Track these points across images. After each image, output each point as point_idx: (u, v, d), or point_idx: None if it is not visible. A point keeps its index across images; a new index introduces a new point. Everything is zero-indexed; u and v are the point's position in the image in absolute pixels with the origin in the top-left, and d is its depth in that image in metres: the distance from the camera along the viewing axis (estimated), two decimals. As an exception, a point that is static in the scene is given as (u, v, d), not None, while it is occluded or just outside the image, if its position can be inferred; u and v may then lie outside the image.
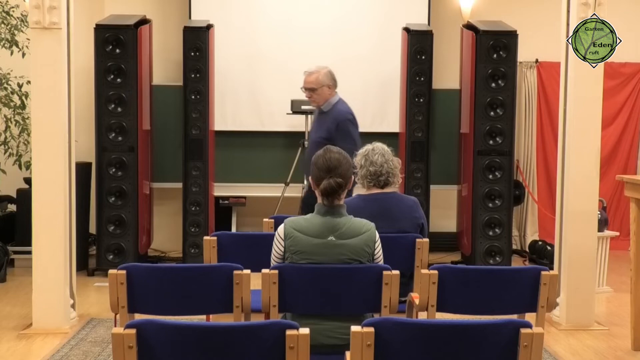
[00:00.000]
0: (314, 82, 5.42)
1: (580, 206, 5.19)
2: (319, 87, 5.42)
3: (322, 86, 5.43)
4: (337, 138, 5.17)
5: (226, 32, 7.45)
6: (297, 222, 3.11)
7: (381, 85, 7.64)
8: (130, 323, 2.20)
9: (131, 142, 6.57)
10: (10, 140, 6.60)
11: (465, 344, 2.27)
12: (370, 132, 7.28)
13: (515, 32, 6.84)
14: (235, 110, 7.62)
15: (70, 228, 5.02)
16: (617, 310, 5.68)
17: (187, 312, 3.22)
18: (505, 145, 6.85)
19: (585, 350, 4.73)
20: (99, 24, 6.64)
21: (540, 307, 3.14)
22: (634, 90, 8.19)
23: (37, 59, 4.91)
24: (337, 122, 5.39)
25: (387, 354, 2.23)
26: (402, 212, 3.92)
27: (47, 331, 4.86)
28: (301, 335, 2.19)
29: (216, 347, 2.22)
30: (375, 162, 3.89)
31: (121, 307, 3.03)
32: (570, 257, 5.20)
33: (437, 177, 7.33)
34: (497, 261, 6.82)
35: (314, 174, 3.14)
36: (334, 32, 7.63)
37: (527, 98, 8.07)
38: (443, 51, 7.61)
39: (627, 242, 5.43)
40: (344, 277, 3.03)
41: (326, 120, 5.44)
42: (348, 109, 5.53)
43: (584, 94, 5.16)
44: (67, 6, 4.96)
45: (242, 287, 3.05)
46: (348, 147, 3.89)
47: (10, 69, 6.55)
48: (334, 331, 2.99)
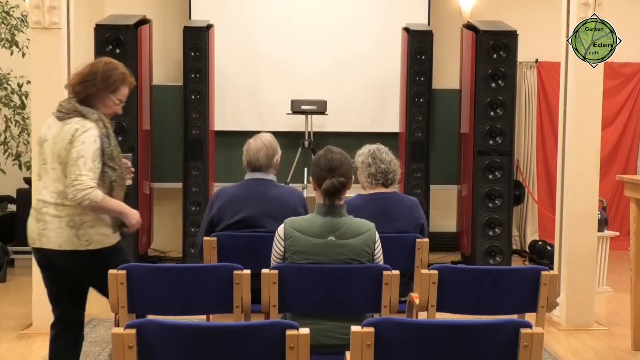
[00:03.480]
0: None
1: (580, 206, 5.19)
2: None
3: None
4: None
5: (226, 32, 7.45)
6: (297, 222, 3.11)
7: (381, 85, 7.64)
8: (130, 323, 2.20)
9: (131, 142, 6.57)
10: (10, 140, 6.60)
11: (465, 344, 2.27)
12: (370, 132, 7.33)
13: (515, 32, 6.84)
14: (235, 110, 7.63)
15: (70, 228, 5.01)
16: (617, 310, 5.69)
17: (187, 312, 3.22)
18: (505, 145, 6.85)
19: (585, 350, 4.73)
20: (99, 24, 6.64)
21: (540, 307, 3.14)
22: (634, 90, 8.19)
23: (37, 59, 4.92)
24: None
25: (387, 354, 2.23)
26: (402, 212, 3.92)
27: (47, 331, 4.82)
28: (301, 335, 2.19)
29: (216, 347, 2.22)
30: (384, 160, 3.91)
31: (121, 307, 3.03)
32: (570, 257, 5.20)
33: (437, 177, 7.33)
34: (497, 261, 6.82)
35: (315, 173, 3.14)
36: (334, 32, 7.64)
37: (527, 98, 8.08)
38: (443, 51, 7.61)
39: (627, 242, 5.44)
40: (344, 277, 3.03)
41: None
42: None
43: (584, 94, 5.17)
44: (67, 6, 4.96)
45: (242, 287, 3.04)
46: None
47: (10, 69, 6.55)
48: (334, 331, 2.99)
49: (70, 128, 3.21)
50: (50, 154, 3.24)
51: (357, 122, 7.64)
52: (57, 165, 3.22)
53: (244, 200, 3.80)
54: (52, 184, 3.23)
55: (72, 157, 3.14)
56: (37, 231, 3.25)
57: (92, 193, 3.11)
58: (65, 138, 3.20)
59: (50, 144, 3.25)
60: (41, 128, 3.35)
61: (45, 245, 3.24)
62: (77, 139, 3.17)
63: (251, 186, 3.83)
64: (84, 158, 3.14)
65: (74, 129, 3.20)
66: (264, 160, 3.86)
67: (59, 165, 3.21)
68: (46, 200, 3.24)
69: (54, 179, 3.23)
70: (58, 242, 3.21)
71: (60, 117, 3.27)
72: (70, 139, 3.18)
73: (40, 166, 3.29)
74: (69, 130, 3.21)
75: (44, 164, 3.27)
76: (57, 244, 3.21)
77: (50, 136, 3.26)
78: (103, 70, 3.34)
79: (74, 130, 3.20)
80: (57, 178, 3.22)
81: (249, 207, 3.78)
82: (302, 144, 7.17)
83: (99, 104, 3.32)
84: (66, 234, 3.20)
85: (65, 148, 3.19)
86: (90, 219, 3.22)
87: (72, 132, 3.19)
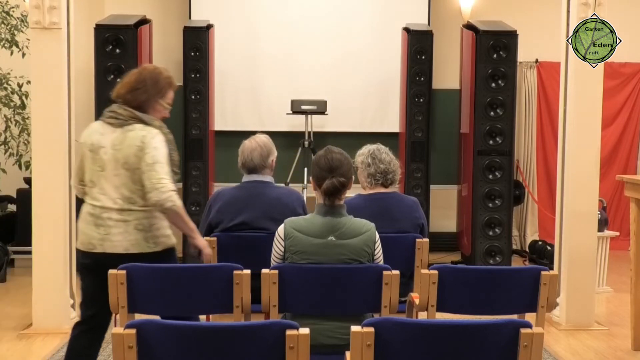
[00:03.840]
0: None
1: (580, 206, 5.19)
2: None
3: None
4: None
5: (226, 32, 7.46)
6: (297, 222, 3.11)
7: (381, 85, 7.64)
8: (130, 323, 2.20)
9: (131, 142, 6.55)
10: (10, 140, 6.60)
11: (465, 344, 2.27)
12: (370, 132, 7.33)
13: (515, 32, 6.84)
14: (235, 110, 7.63)
15: (70, 228, 5.02)
16: (617, 310, 5.69)
17: (187, 312, 3.22)
18: (505, 145, 6.85)
19: (585, 350, 4.73)
20: (99, 24, 6.64)
21: (540, 307, 3.14)
22: (634, 90, 8.19)
23: (37, 59, 4.91)
24: None
25: (387, 354, 2.23)
26: (402, 212, 3.92)
27: (47, 331, 4.86)
28: (301, 335, 2.19)
29: (216, 347, 2.22)
30: (384, 160, 3.91)
31: (121, 307, 3.03)
32: (570, 257, 5.20)
33: (437, 177, 7.33)
34: (497, 261, 6.82)
35: (315, 173, 3.14)
36: (334, 32, 7.64)
37: (527, 98, 8.08)
38: (443, 51, 7.61)
39: (627, 242, 5.44)
40: (344, 277, 3.03)
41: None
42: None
43: (584, 94, 5.17)
44: (67, 6, 4.96)
45: (242, 287, 3.04)
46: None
47: (10, 69, 6.55)
48: (334, 331, 2.99)
49: (136, 134, 3.25)
50: (113, 161, 3.26)
51: (357, 122, 7.65)
52: (122, 171, 3.25)
53: (242, 203, 3.80)
54: (114, 190, 3.26)
55: (147, 163, 3.20)
56: (99, 236, 3.27)
57: (175, 196, 3.21)
58: (133, 144, 3.23)
59: (110, 150, 3.26)
60: (87, 135, 3.36)
61: (108, 250, 3.26)
62: (148, 145, 3.23)
63: (249, 188, 3.83)
64: (160, 163, 3.21)
65: (140, 135, 3.25)
66: (257, 161, 3.86)
67: (126, 172, 3.24)
68: (106, 206, 3.26)
69: (117, 185, 3.26)
70: (125, 245, 3.25)
71: (117, 123, 3.30)
72: (140, 146, 3.22)
73: (96, 173, 3.29)
74: (136, 136, 3.25)
75: (101, 171, 3.28)
76: (124, 247, 3.25)
77: (107, 143, 3.28)
78: (151, 76, 3.39)
79: (142, 136, 3.24)
80: (122, 184, 3.25)
81: (248, 210, 3.79)
82: (302, 144, 7.17)
83: (150, 110, 3.37)
84: (134, 237, 3.25)
85: (135, 154, 3.22)
86: (157, 221, 3.30)
87: (139, 139, 3.24)
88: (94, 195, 3.30)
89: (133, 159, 3.23)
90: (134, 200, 3.25)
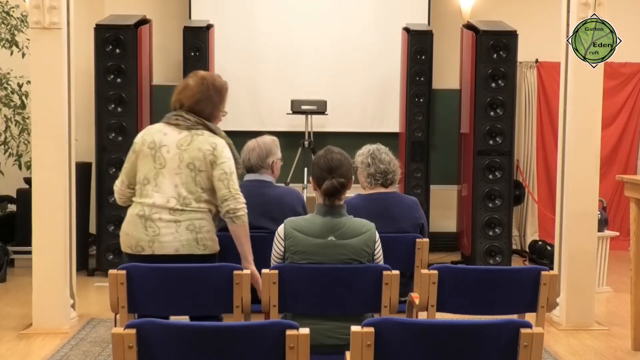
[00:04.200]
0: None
1: (580, 206, 5.19)
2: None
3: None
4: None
5: (226, 32, 7.46)
6: (297, 222, 3.11)
7: (381, 85, 7.64)
8: (130, 323, 2.20)
9: (131, 142, 6.52)
10: (10, 140, 6.60)
11: (465, 344, 2.27)
12: (370, 132, 7.33)
13: (515, 32, 6.84)
14: (235, 110, 7.61)
15: (70, 228, 5.02)
16: (617, 310, 5.68)
17: (187, 312, 3.22)
18: (505, 145, 6.85)
19: (585, 350, 4.73)
20: (99, 24, 6.64)
21: (540, 307, 3.14)
22: (634, 90, 8.19)
23: (37, 59, 4.91)
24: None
25: (387, 354, 2.23)
26: (402, 212, 3.92)
27: (47, 331, 4.86)
28: (301, 335, 2.19)
29: (216, 347, 2.22)
30: (384, 160, 3.91)
31: (121, 307, 3.03)
32: (570, 257, 5.20)
33: (437, 177, 7.33)
34: (497, 261, 6.82)
35: (315, 174, 3.14)
36: (334, 32, 7.64)
37: (527, 98, 8.07)
38: (443, 51, 7.61)
39: (627, 242, 5.44)
40: (344, 277, 3.03)
41: None
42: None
43: (584, 94, 5.16)
44: (67, 6, 4.96)
45: (242, 287, 3.05)
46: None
47: (10, 69, 6.55)
48: (334, 331, 2.99)
49: (205, 139, 3.32)
50: (177, 159, 3.29)
51: (357, 122, 7.64)
52: (186, 171, 3.28)
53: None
54: (172, 189, 3.28)
55: (225, 172, 3.29)
56: (148, 238, 3.28)
57: (245, 210, 3.32)
58: (203, 148, 3.30)
59: (174, 149, 3.30)
60: (146, 134, 3.39)
61: (157, 252, 3.27)
62: (222, 155, 3.31)
63: (249, 188, 3.82)
64: (235, 174, 3.33)
65: (211, 141, 3.32)
66: (255, 161, 3.87)
67: (190, 172, 3.28)
68: (158, 204, 3.28)
69: (176, 184, 3.29)
70: (175, 246, 3.27)
71: (185, 126, 3.34)
72: (212, 151, 3.29)
73: (154, 170, 3.31)
74: (205, 141, 3.32)
75: (161, 168, 3.30)
76: (175, 248, 3.27)
77: (172, 142, 3.32)
78: (214, 86, 3.44)
79: (213, 143, 3.32)
80: (182, 183, 3.29)
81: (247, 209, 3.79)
82: (302, 144, 7.17)
83: (213, 118, 3.45)
84: (185, 238, 3.28)
85: (204, 158, 3.29)
86: (207, 224, 3.34)
87: (210, 144, 3.31)
88: (147, 192, 3.30)
89: (200, 162, 3.28)
90: (189, 201, 3.28)
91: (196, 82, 3.44)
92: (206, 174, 3.30)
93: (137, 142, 3.41)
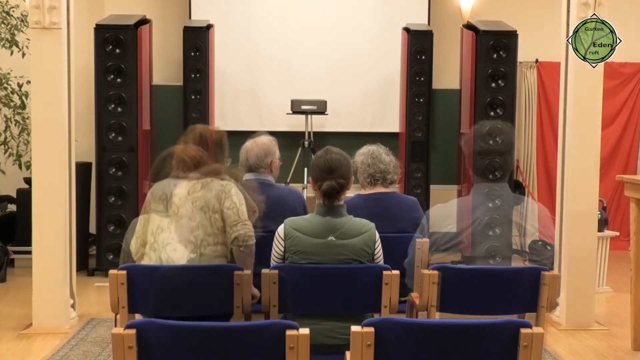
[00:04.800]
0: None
1: (580, 206, 5.19)
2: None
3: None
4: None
5: (226, 32, 7.46)
6: (297, 222, 3.11)
7: (381, 85, 7.64)
8: (130, 323, 2.20)
9: (131, 142, 6.56)
10: (10, 140, 6.60)
11: (465, 344, 2.27)
12: (370, 132, 7.33)
13: (515, 32, 6.83)
14: (235, 110, 7.63)
15: (70, 228, 5.02)
16: (617, 310, 5.68)
17: (187, 312, 3.21)
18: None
19: (585, 350, 4.73)
20: (99, 24, 6.64)
21: (541, 307, 3.14)
22: (634, 90, 8.19)
23: (37, 59, 4.91)
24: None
25: (387, 354, 2.23)
26: (402, 212, 3.92)
27: (47, 331, 4.86)
28: (301, 335, 2.19)
29: (216, 348, 2.22)
30: (383, 160, 3.92)
31: (121, 307, 3.03)
32: (570, 257, 5.20)
33: (437, 177, 7.33)
34: (497, 261, 6.81)
35: (314, 174, 3.14)
36: (334, 32, 7.64)
37: (527, 98, 8.07)
38: (443, 51, 7.61)
39: (627, 242, 5.44)
40: (344, 277, 3.03)
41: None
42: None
43: (584, 94, 5.16)
44: (67, 6, 4.96)
45: (242, 288, 3.04)
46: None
47: (10, 69, 6.55)
48: (334, 331, 2.99)
49: (215, 183, 3.35)
50: (189, 204, 3.30)
51: (357, 122, 7.65)
52: (200, 214, 3.28)
53: None
54: (188, 232, 3.26)
55: (234, 202, 3.32)
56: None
57: (254, 239, 3.30)
58: (214, 188, 3.34)
59: (185, 195, 3.32)
60: (156, 189, 3.36)
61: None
62: (231, 192, 3.35)
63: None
64: (244, 206, 3.36)
65: (220, 183, 3.36)
66: (253, 161, 3.87)
67: (204, 215, 3.29)
68: (172, 258, 3.25)
69: (192, 227, 3.27)
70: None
71: (194, 177, 3.35)
72: (223, 190, 3.35)
73: (166, 219, 3.30)
74: (215, 183, 3.34)
75: (174, 215, 3.29)
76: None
77: (182, 190, 3.34)
78: (216, 144, 3.48)
79: (222, 184, 3.36)
80: (197, 226, 3.27)
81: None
82: (302, 144, 7.17)
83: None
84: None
85: (216, 196, 3.34)
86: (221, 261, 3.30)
87: (219, 186, 3.34)
88: (162, 240, 3.22)
89: (213, 202, 3.24)
90: (206, 244, 3.22)
91: (197, 144, 3.43)
92: (220, 215, 3.26)
93: (147, 200, 3.37)
